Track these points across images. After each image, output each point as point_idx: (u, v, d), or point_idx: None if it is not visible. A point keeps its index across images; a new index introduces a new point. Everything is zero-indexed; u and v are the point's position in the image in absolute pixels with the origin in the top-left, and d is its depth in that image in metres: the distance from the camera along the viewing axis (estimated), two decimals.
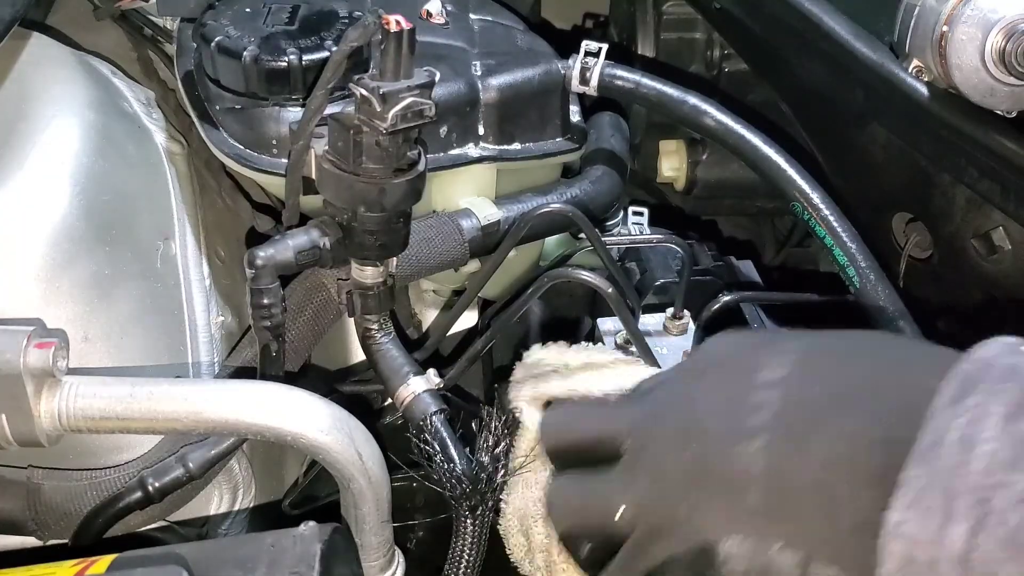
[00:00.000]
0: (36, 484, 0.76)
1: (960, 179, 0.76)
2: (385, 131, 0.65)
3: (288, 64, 0.77)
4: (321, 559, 0.59)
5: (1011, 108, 0.68)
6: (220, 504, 0.86)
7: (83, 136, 0.77)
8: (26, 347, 0.61)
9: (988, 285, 0.78)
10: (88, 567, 0.58)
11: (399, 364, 0.79)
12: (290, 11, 0.82)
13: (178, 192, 0.88)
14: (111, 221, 0.76)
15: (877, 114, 0.83)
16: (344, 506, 0.71)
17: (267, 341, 0.74)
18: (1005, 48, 0.65)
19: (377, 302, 0.78)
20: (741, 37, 1.08)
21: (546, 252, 1.04)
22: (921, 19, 0.71)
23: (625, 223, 1.06)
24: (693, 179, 1.30)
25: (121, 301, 0.76)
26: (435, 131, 0.83)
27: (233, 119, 0.81)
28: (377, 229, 0.72)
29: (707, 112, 0.83)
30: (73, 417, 0.63)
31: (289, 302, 0.81)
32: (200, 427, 0.65)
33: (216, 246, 0.93)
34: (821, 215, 0.78)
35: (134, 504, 0.75)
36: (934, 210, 0.82)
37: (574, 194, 0.93)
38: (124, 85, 0.90)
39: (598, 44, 0.86)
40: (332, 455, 0.66)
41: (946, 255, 0.83)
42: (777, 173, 0.80)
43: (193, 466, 0.75)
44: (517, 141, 0.88)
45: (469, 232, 0.85)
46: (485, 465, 0.72)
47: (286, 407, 0.65)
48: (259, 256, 0.70)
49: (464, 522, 0.73)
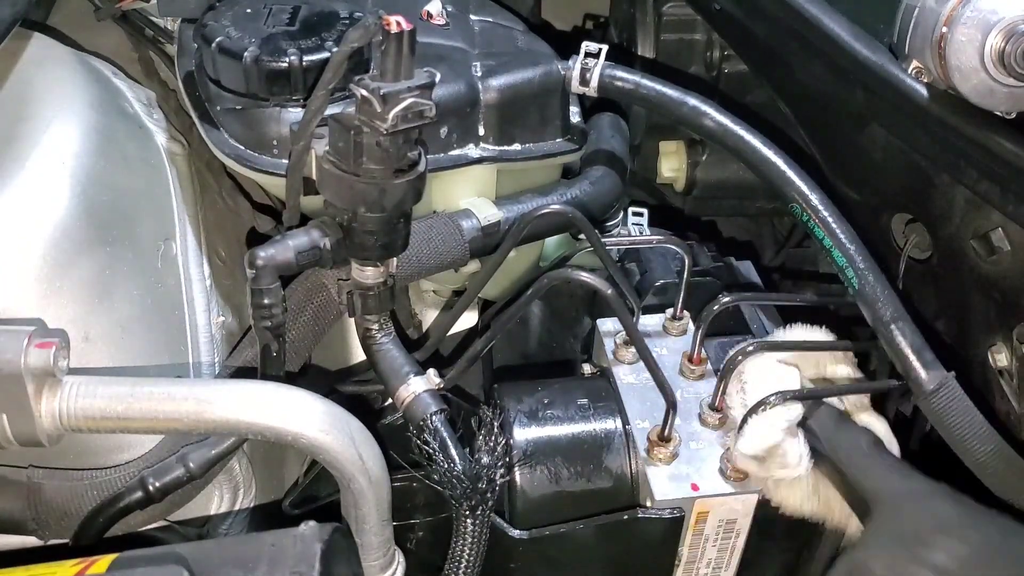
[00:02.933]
0: (37, 484, 0.76)
1: (959, 180, 0.76)
2: (386, 132, 0.65)
3: (289, 65, 0.77)
4: (321, 559, 0.59)
5: (1010, 109, 0.68)
6: (220, 504, 0.86)
7: (84, 136, 0.77)
8: (27, 347, 0.61)
9: (987, 286, 0.78)
10: (88, 567, 0.58)
11: (399, 364, 0.79)
12: (291, 12, 0.82)
13: (179, 192, 0.88)
14: (112, 221, 0.76)
15: (876, 115, 0.83)
16: (344, 506, 0.71)
17: (267, 341, 0.74)
18: (1004, 49, 0.65)
19: (377, 302, 0.78)
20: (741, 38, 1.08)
21: (546, 252, 1.04)
22: (921, 20, 0.71)
23: (625, 224, 1.07)
24: (693, 180, 1.31)
25: (122, 301, 0.76)
26: (435, 132, 0.83)
27: (234, 119, 0.81)
28: (377, 229, 0.72)
29: (707, 113, 0.83)
30: (74, 417, 0.63)
31: (290, 302, 0.81)
32: (200, 427, 0.65)
33: (217, 246, 0.94)
34: (820, 216, 0.78)
35: (135, 504, 0.75)
36: (933, 211, 0.83)
37: (574, 195, 0.93)
38: (125, 86, 0.90)
39: (598, 45, 0.86)
40: (332, 455, 0.66)
41: (945, 256, 0.83)
42: (776, 174, 0.80)
43: (194, 466, 0.75)
44: (517, 142, 0.88)
45: (469, 232, 0.85)
46: (485, 465, 0.72)
47: (286, 407, 0.66)
48: (260, 256, 0.70)
49: (464, 522, 0.73)
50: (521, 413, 0.83)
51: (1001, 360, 0.79)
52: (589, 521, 0.80)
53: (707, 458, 0.79)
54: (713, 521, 0.79)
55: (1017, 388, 0.77)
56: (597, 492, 0.80)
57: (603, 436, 0.82)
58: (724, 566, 0.83)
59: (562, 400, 0.84)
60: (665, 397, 0.77)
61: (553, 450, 0.81)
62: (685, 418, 0.82)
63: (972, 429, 0.72)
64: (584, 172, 0.98)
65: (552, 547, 0.80)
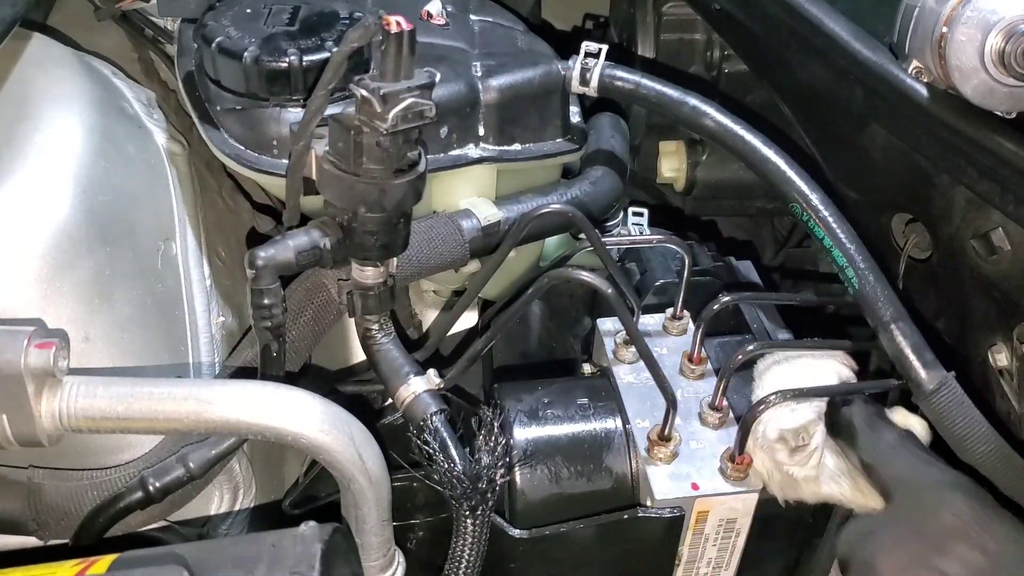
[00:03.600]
0: (37, 484, 0.76)
1: (959, 180, 0.76)
2: (386, 132, 0.65)
3: (288, 65, 0.77)
4: (321, 559, 0.59)
5: (1010, 109, 0.68)
6: (220, 504, 0.86)
7: (84, 137, 0.77)
8: (27, 347, 0.61)
9: (987, 286, 0.78)
10: (88, 567, 0.58)
11: (399, 364, 0.79)
12: (291, 12, 0.82)
13: (179, 193, 0.88)
14: (112, 221, 0.76)
15: (877, 115, 0.83)
16: (344, 506, 0.71)
17: (267, 341, 0.74)
18: (1004, 49, 0.65)
19: (377, 302, 0.78)
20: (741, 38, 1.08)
21: (546, 252, 1.04)
22: (921, 20, 0.71)
23: (625, 223, 1.07)
24: (693, 180, 1.31)
25: (122, 301, 0.76)
26: (435, 132, 0.83)
27: (234, 120, 0.81)
28: (378, 229, 0.72)
29: (707, 113, 0.83)
30: (74, 417, 0.63)
31: (290, 302, 0.81)
32: (200, 427, 0.65)
33: (217, 246, 0.94)
34: (820, 216, 0.78)
35: (135, 504, 0.75)
36: (933, 211, 0.83)
37: (574, 195, 0.93)
38: (125, 86, 0.90)
39: (598, 45, 0.86)
40: (332, 455, 0.66)
41: (945, 256, 0.83)
42: (776, 174, 0.80)
43: (194, 466, 0.75)
44: (517, 142, 0.88)
45: (469, 232, 0.85)
46: (485, 465, 0.72)
47: (286, 407, 0.66)
48: (260, 256, 0.70)
49: (464, 522, 0.73)
50: (521, 413, 0.83)
51: (1001, 360, 0.79)
52: (589, 520, 0.80)
53: (707, 457, 0.79)
54: (713, 520, 0.79)
55: (1017, 388, 0.77)
56: (597, 492, 0.81)
57: (603, 436, 0.82)
58: (724, 566, 0.83)
59: (562, 400, 0.84)
60: (665, 396, 0.77)
61: (553, 450, 0.81)
62: (685, 418, 0.82)
63: (972, 429, 0.72)
64: (584, 172, 0.98)
65: (552, 547, 0.80)
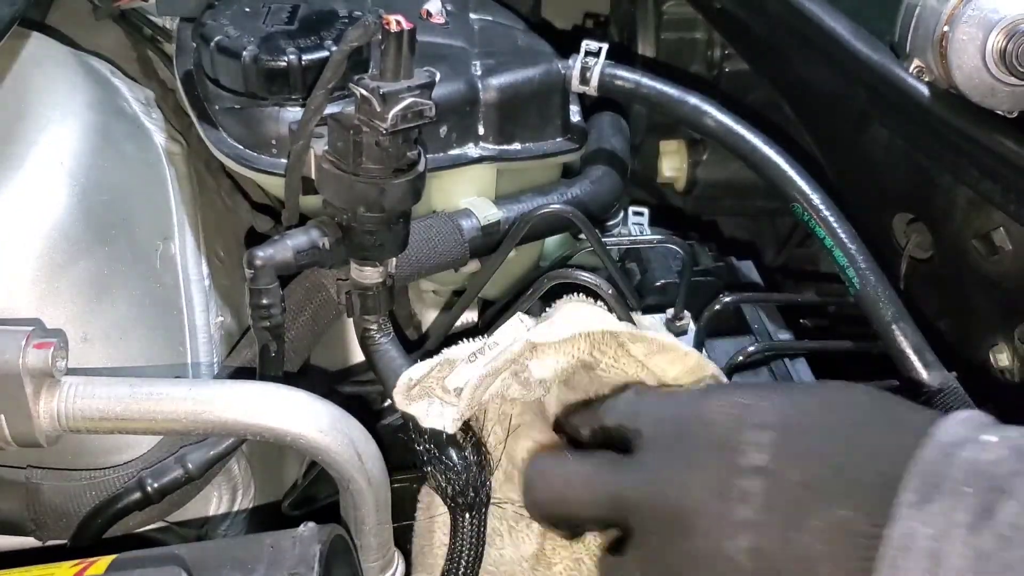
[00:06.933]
0: (35, 484, 0.76)
1: (961, 179, 0.76)
2: (385, 131, 0.65)
3: (288, 64, 0.76)
4: (321, 560, 0.59)
5: (1012, 108, 0.68)
6: (219, 505, 0.86)
7: (82, 136, 0.77)
8: (25, 347, 0.61)
9: (989, 286, 0.78)
10: (87, 568, 0.58)
11: (398, 365, 0.78)
12: (290, 11, 0.82)
13: (177, 192, 0.88)
14: (110, 221, 0.76)
15: (878, 114, 0.83)
16: (343, 507, 0.70)
17: (266, 341, 0.74)
18: (1006, 48, 0.65)
19: (376, 302, 0.77)
20: (742, 37, 1.08)
21: (546, 252, 1.04)
22: (922, 19, 0.71)
23: (625, 223, 1.06)
24: (693, 179, 1.31)
25: (120, 301, 0.76)
26: (435, 131, 0.83)
27: (232, 119, 0.81)
28: (377, 229, 0.72)
29: (707, 112, 0.83)
30: (72, 417, 0.63)
31: (288, 302, 0.81)
32: (199, 427, 0.65)
33: (215, 246, 0.93)
34: (821, 216, 0.78)
35: (133, 505, 0.75)
36: (935, 211, 0.82)
37: (574, 194, 0.93)
38: (123, 85, 0.90)
39: (598, 44, 0.85)
40: (331, 456, 0.66)
41: (947, 256, 0.83)
42: (777, 174, 0.80)
43: (192, 467, 0.75)
44: (517, 141, 0.88)
45: (469, 232, 0.85)
46: (482, 463, 0.72)
47: (285, 408, 0.65)
48: (258, 256, 0.70)
49: (463, 521, 0.73)
50: None
51: (1003, 360, 0.79)
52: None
53: None
54: None
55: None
56: None
57: None
58: None
59: None
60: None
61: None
62: None
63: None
64: (584, 171, 0.98)
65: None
